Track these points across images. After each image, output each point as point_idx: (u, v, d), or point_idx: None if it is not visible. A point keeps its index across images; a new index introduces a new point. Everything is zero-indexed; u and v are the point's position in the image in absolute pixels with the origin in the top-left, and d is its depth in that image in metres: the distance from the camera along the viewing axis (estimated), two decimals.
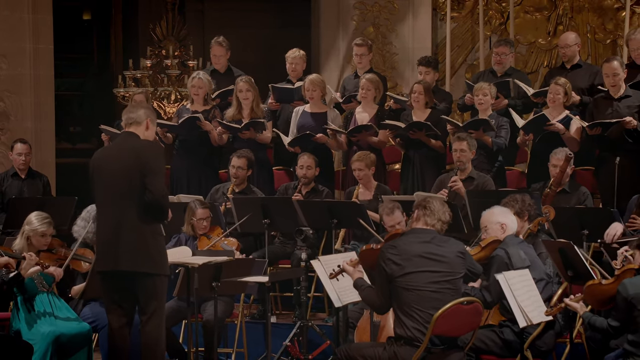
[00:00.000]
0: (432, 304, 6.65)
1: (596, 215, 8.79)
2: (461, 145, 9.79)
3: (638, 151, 9.88)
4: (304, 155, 10.30)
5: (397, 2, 13.38)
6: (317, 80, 10.86)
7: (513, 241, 7.59)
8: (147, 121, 7.30)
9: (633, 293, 6.59)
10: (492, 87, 10.49)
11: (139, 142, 7.26)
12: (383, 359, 6.77)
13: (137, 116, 7.30)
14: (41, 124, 12.37)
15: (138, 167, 7.09)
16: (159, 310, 7.15)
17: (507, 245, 7.51)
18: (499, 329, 7.47)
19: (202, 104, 10.94)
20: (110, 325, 7.22)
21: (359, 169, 10.04)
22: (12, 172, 11.14)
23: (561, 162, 9.44)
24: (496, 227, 7.66)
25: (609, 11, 13.11)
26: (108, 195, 7.20)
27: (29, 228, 8.15)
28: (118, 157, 7.22)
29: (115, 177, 7.17)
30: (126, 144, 7.25)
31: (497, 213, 7.75)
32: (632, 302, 6.59)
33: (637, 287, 6.60)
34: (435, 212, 6.89)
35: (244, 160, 10.15)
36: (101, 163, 7.33)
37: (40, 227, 8.13)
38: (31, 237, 8.11)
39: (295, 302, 9.61)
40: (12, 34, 12.14)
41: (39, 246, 8.11)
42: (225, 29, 13.69)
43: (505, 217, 7.71)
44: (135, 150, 7.17)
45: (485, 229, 7.72)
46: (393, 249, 6.78)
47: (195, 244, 9.23)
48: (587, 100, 10.50)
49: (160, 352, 7.13)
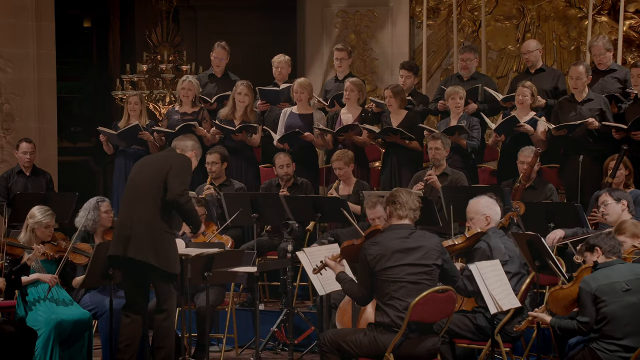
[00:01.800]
0: (410, 293, 6.65)
1: (561, 210, 8.81)
2: (436, 144, 9.81)
3: (599, 150, 9.90)
4: (280, 155, 10.30)
5: (377, 11, 13.39)
6: (305, 84, 10.88)
7: (495, 234, 7.59)
8: (192, 153, 7.60)
9: (595, 286, 6.59)
10: (463, 90, 10.52)
11: (175, 153, 7.59)
12: (364, 343, 6.76)
13: (184, 145, 7.65)
14: (44, 124, 12.34)
15: (164, 171, 7.32)
16: (170, 301, 7.21)
17: (489, 238, 7.51)
18: (472, 315, 7.48)
19: (190, 105, 10.95)
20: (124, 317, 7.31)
21: (339, 167, 10.06)
22: (18, 169, 11.10)
23: (529, 159, 9.47)
24: (481, 218, 7.64)
25: (573, 20, 13.15)
26: (134, 191, 7.43)
27: (32, 221, 8.14)
28: (153, 161, 7.61)
29: (144, 177, 7.42)
30: (164, 153, 7.68)
31: (483, 204, 7.70)
32: (596, 295, 6.58)
33: (597, 281, 6.61)
34: (404, 204, 6.86)
35: (216, 155, 10.17)
36: (139, 166, 7.64)
37: (44, 219, 8.14)
38: (35, 230, 8.11)
39: (282, 290, 9.62)
40: (17, 40, 12.11)
41: (43, 237, 8.11)
42: (216, 35, 13.67)
43: (490, 209, 7.68)
44: (168, 157, 7.49)
45: (471, 218, 7.69)
46: (374, 245, 6.77)
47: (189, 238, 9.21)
48: (552, 103, 10.53)
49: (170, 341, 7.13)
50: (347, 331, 7.09)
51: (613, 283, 6.57)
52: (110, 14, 15.61)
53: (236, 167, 10.72)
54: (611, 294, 6.56)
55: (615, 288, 6.57)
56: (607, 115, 10.00)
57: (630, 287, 6.57)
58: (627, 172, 9.25)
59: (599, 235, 6.86)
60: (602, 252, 6.72)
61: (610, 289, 6.56)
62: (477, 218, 7.66)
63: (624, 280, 6.58)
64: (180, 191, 7.29)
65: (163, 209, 7.30)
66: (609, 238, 6.80)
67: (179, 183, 7.34)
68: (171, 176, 7.31)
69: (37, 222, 8.12)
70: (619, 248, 6.77)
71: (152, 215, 7.25)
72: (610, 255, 6.71)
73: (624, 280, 6.58)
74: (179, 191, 7.29)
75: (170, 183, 7.30)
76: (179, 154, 7.61)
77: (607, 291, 6.56)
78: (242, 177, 10.68)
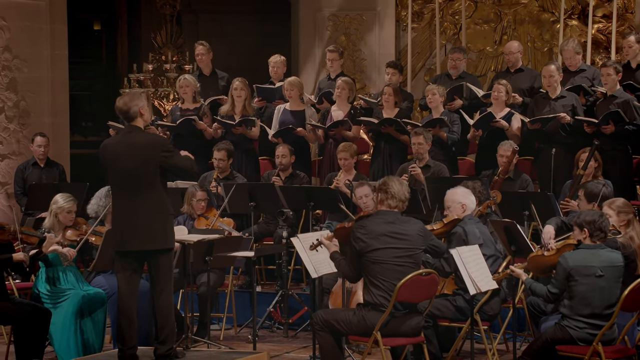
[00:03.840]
0: (396, 275, 6.66)
1: (536, 199, 8.81)
2: (419, 139, 9.83)
3: (571, 143, 9.91)
4: (280, 146, 10.33)
5: (365, 15, 13.39)
6: (294, 82, 10.88)
7: (471, 220, 7.63)
8: (139, 110, 7.01)
9: (573, 265, 6.60)
10: (439, 88, 10.52)
11: (144, 137, 7.04)
12: (353, 322, 6.77)
13: (130, 114, 7.02)
14: (57, 119, 12.31)
15: (153, 162, 6.88)
16: (170, 281, 7.04)
17: (465, 224, 7.55)
18: (452, 298, 7.50)
19: (191, 102, 10.93)
20: (122, 292, 7.05)
21: (345, 158, 10.03)
22: (33, 161, 11.11)
23: (508, 153, 9.48)
24: (457, 206, 7.68)
25: (546, 23, 13.15)
26: (124, 186, 6.97)
27: (56, 207, 8.09)
28: (129, 153, 6.94)
29: (129, 171, 6.91)
30: (134, 140, 7.00)
31: (459, 194, 7.76)
32: (570, 273, 6.60)
33: (576, 260, 6.62)
34: (395, 194, 6.85)
35: (224, 152, 10.13)
36: (113, 158, 7.02)
37: (66, 204, 8.09)
38: (59, 215, 8.06)
39: (277, 273, 9.63)
40: (32, 42, 12.08)
41: (65, 222, 8.05)
42: (215, 37, 13.67)
43: (466, 198, 7.72)
44: (145, 147, 6.93)
45: (448, 207, 7.72)
46: (362, 228, 6.78)
47: (191, 224, 9.21)
48: (528, 101, 10.56)
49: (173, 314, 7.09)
50: (338, 311, 7.10)
51: (589, 266, 6.58)
52: (118, 18, 15.57)
53: (237, 159, 10.71)
54: (585, 276, 6.57)
55: (590, 271, 6.58)
56: (579, 111, 10.03)
57: (604, 274, 6.58)
58: (597, 164, 9.27)
59: (593, 217, 6.75)
60: (588, 235, 6.71)
61: (585, 271, 6.57)
62: (453, 206, 7.71)
63: (599, 266, 6.58)
64: (189, 165, 7.05)
65: (163, 195, 6.97)
66: (599, 222, 6.73)
67: (181, 159, 7.01)
68: (171, 160, 6.92)
69: (59, 207, 8.08)
70: (606, 234, 6.73)
71: (156, 203, 6.94)
72: (595, 240, 6.70)
73: (599, 266, 6.58)
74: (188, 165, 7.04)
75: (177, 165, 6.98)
76: (149, 139, 7.06)
77: (582, 272, 6.57)
78: (242, 168, 10.68)
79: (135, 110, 7.00)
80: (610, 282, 6.60)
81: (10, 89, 12.00)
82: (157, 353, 6.99)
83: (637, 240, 7.05)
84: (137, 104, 7.01)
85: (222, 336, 8.98)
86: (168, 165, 6.97)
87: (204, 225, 9.15)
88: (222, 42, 13.65)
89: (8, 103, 11.98)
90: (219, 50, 12.38)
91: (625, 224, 7.12)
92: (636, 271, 6.93)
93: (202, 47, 11.52)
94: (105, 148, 7.16)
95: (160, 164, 6.93)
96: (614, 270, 6.62)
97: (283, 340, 8.96)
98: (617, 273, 6.63)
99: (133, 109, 7.00)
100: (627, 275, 6.75)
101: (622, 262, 6.67)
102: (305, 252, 7.41)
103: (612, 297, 6.59)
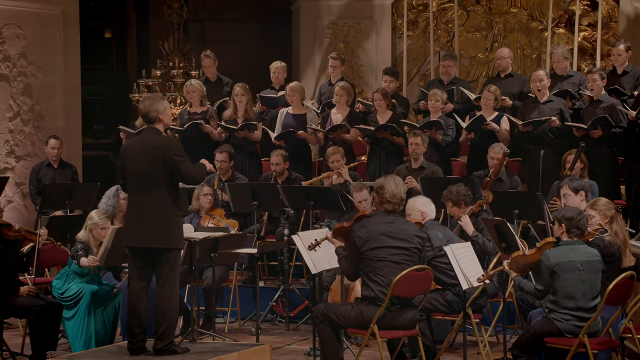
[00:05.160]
0: (392, 272, 6.65)
1: (524, 198, 8.82)
2: (416, 140, 9.84)
3: (558, 145, 9.93)
4: (273, 153, 10.27)
5: (363, 23, 13.40)
6: (295, 87, 10.88)
7: (432, 225, 7.64)
8: (158, 115, 7.02)
9: (555, 262, 6.60)
10: (443, 94, 10.54)
11: (158, 139, 7.01)
12: (351, 315, 6.76)
13: (149, 117, 7.06)
14: (70, 123, 12.32)
15: (162, 163, 6.89)
16: (172, 277, 7.01)
17: (427, 229, 7.53)
18: (443, 292, 7.51)
19: (198, 105, 10.93)
20: (132, 287, 7.08)
21: (337, 160, 10.04)
22: (47, 162, 11.10)
23: (499, 156, 9.49)
24: (417, 214, 7.66)
25: (535, 31, 13.17)
26: (136, 185, 6.99)
27: (91, 222, 8.01)
28: (142, 154, 6.97)
29: (140, 171, 6.94)
30: (148, 141, 7.01)
31: (419, 202, 7.75)
32: (553, 270, 6.59)
33: (557, 257, 6.62)
34: (391, 199, 6.80)
35: (225, 154, 10.11)
36: (129, 157, 7.06)
37: (100, 221, 8.02)
38: (93, 230, 7.99)
39: (279, 269, 9.63)
40: (47, 50, 12.09)
41: (99, 238, 7.97)
42: (220, 44, 13.66)
43: (425, 207, 7.71)
44: (157, 148, 6.93)
45: (409, 214, 7.68)
46: (362, 227, 6.77)
47: (197, 221, 9.21)
48: (518, 104, 10.58)
49: (172, 311, 7.05)
50: (337, 305, 7.09)
51: (570, 262, 6.58)
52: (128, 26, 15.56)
53: (240, 161, 10.71)
54: (567, 271, 6.57)
55: (572, 267, 6.58)
56: (566, 114, 10.06)
57: (584, 269, 6.59)
58: (583, 165, 9.30)
59: (572, 214, 6.75)
60: (565, 230, 6.71)
61: (567, 267, 6.57)
62: (413, 213, 7.67)
63: (579, 261, 6.59)
64: (194, 174, 7.05)
65: (171, 195, 6.96)
66: (577, 219, 6.74)
67: (188, 167, 6.97)
68: (177, 166, 6.89)
69: (94, 223, 8.00)
70: (583, 231, 6.74)
71: (163, 203, 6.93)
72: (572, 236, 6.70)
73: (579, 261, 6.59)
74: (193, 174, 7.02)
75: (183, 171, 6.93)
76: (163, 141, 7.02)
77: (564, 268, 6.57)
78: (245, 169, 10.68)
79: (154, 115, 7.03)
80: (590, 275, 6.60)
81: (25, 94, 12.01)
82: (154, 348, 6.97)
83: (621, 235, 7.07)
84: (157, 109, 7.03)
85: (226, 329, 8.98)
86: (175, 170, 6.94)
87: (210, 224, 9.15)
88: (226, 49, 13.64)
89: (23, 107, 11.99)
90: (224, 56, 12.38)
91: (609, 221, 7.13)
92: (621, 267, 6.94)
93: (209, 59, 11.50)
94: (124, 148, 7.25)
95: (168, 167, 6.92)
96: (592, 263, 6.63)
97: (285, 332, 8.96)
98: (597, 265, 6.64)
99: (152, 113, 7.03)
100: (612, 272, 6.75)
101: (599, 257, 6.67)
102: (306, 249, 7.41)
103: (594, 290, 6.61)
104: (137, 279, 7.05)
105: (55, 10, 12.16)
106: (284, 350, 8.31)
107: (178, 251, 7.08)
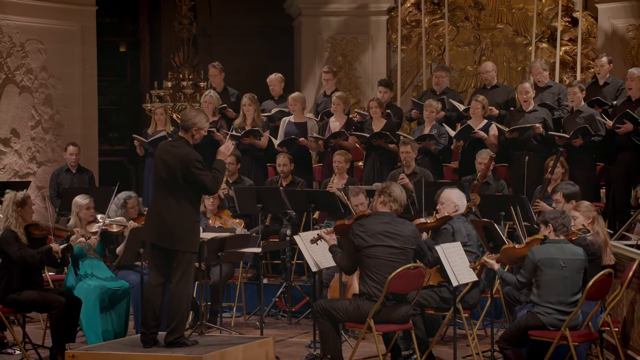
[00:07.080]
0: (388, 269, 6.65)
1: (510, 201, 8.80)
2: (406, 148, 9.84)
3: (542, 151, 9.98)
4: (279, 155, 10.28)
5: (360, 38, 13.41)
6: (297, 97, 10.90)
7: (460, 219, 7.59)
8: (192, 129, 6.99)
9: (539, 258, 6.60)
10: (438, 104, 10.57)
11: (182, 149, 6.96)
12: (349, 310, 6.76)
13: (184, 126, 7.04)
14: (87, 130, 12.34)
15: (182, 173, 6.86)
16: (187, 277, 6.97)
17: (454, 222, 7.52)
18: (438, 289, 7.48)
19: (211, 115, 10.93)
20: (150, 281, 7.05)
21: (339, 161, 10.03)
22: (66, 168, 11.11)
23: (485, 161, 9.50)
24: (451, 205, 7.63)
25: (520, 46, 13.19)
26: (158, 187, 7.00)
27: (76, 206, 8.07)
28: (166, 160, 6.95)
29: (163, 175, 6.94)
30: (173, 149, 7.00)
31: (455, 195, 7.69)
32: (537, 265, 6.60)
33: (542, 254, 6.62)
34: (397, 198, 6.85)
35: (232, 157, 10.06)
36: (156, 160, 7.08)
37: (84, 201, 8.06)
38: (79, 213, 8.03)
39: (282, 267, 9.63)
40: (66, 62, 12.12)
41: (86, 218, 8.02)
42: (227, 57, 13.64)
43: (459, 200, 7.68)
44: (178, 157, 6.90)
45: (442, 203, 7.65)
46: (361, 226, 6.78)
47: (205, 223, 9.20)
48: (504, 113, 10.61)
49: (184, 308, 7.03)
50: (336, 300, 7.09)
51: (553, 259, 6.58)
52: (141, 41, 15.56)
53: (247, 165, 10.72)
54: (550, 267, 6.57)
55: (554, 263, 6.57)
56: (549, 123, 10.11)
57: (566, 266, 6.58)
58: (564, 170, 9.36)
59: (556, 214, 6.77)
60: (552, 229, 6.72)
61: (550, 263, 6.57)
62: (447, 204, 7.65)
63: (562, 259, 6.59)
64: (211, 185, 6.94)
65: (191, 201, 6.94)
66: (561, 218, 6.74)
67: (206, 178, 6.88)
68: (196, 176, 6.85)
69: (79, 205, 8.05)
70: (567, 229, 6.74)
71: (183, 208, 6.89)
72: (559, 234, 6.70)
73: (562, 259, 6.59)
74: (210, 185, 6.91)
75: (201, 182, 6.87)
76: (185, 153, 6.94)
77: (547, 264, 6.57)
78: (251, 173, 10.69)
79: (190, 126, 7.01)
80: (572, 272, 6.59)
81: (46, 104, 12.03)
82: (165, 340, 6.96)
83: (602, 235, 7.07)
84: (194, 123, 7.01)
85: (232, 323, 8.97)
86: (192, 180, 6.91)
87: (218, 224, 9.14)
88: (233, 62, 13.63)
89: (44, 116, 12.02)
90: (230, 68, 12.39)
91: (591, 221, 7.13)
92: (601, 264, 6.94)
93: (214, 69, 11.53)
94: (157, 150, 7.23)
95: (187, 176, 6.89)
96: (575, 262, 6.62)
97: (287, 326, 8.95)
98: (579, 264, 6.63)
99: (187, 123, 7.03)
100: (594, 269, 6.75)
101: (584, 256, 6.67)
102: (307, 249, 7.40)
103: (575, 287, 6.60)
104: (154, 274, 7.03)
105: (74, 26, 12.22)
106: (286, 343, 8.30)
107: (193, 254, 7.05)
